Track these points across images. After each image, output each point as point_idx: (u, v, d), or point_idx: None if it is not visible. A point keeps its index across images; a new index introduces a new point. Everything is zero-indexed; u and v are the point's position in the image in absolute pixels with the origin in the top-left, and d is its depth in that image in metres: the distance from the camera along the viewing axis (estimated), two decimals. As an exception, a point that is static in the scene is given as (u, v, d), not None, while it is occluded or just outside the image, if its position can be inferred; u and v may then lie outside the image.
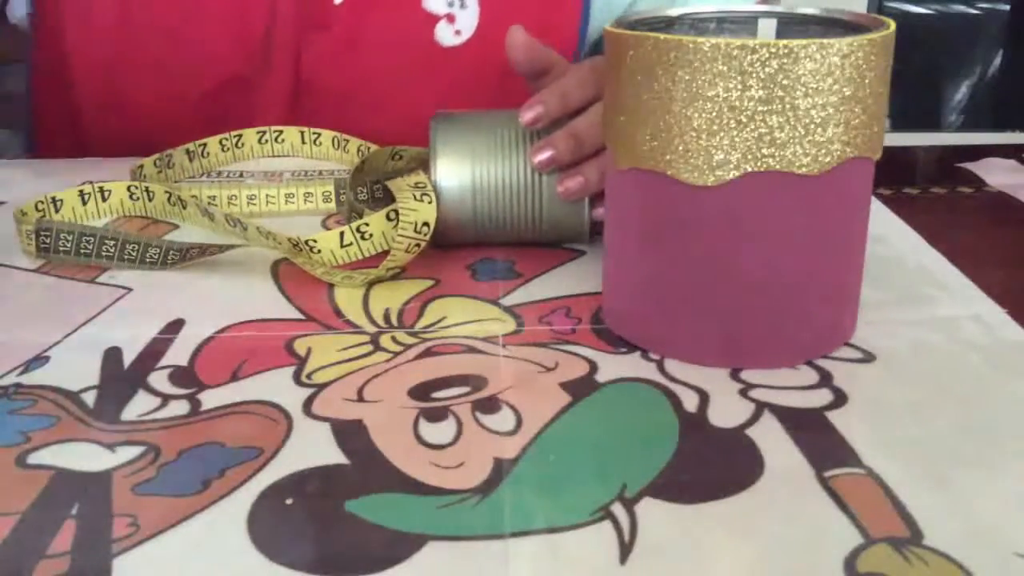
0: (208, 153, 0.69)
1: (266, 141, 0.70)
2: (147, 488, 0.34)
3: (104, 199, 0.61)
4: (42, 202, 0.58)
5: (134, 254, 0.52)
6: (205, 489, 0.34)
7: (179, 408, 0.39)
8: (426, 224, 0.49)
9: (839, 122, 0.38)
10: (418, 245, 0.50)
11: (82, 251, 0.52)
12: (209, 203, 0.58)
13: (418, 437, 0.37)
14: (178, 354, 0.44)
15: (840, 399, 0.39)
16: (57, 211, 0.59)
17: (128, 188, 0.61)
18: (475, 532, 0.32)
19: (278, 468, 0.35)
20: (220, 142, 0.69)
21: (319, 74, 0.75)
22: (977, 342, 0.44)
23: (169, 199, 0.59)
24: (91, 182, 0.61)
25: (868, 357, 0.43)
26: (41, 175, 0.70)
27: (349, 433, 0.37)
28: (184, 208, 0.58)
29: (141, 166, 0.65)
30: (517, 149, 0.52)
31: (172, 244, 0.52)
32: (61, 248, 0.53)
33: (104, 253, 0.52)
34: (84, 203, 0.60)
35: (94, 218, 0.61)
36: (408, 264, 0.51)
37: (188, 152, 0.68)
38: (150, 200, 0.60)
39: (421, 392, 0.40)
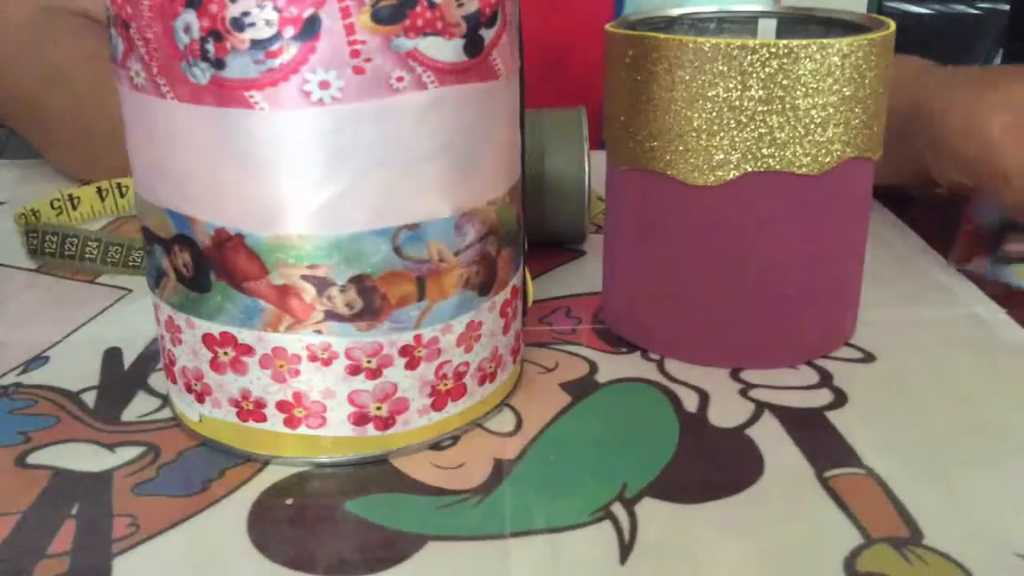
0: None
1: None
2: (147, 488, 0.34)
3: (122, 195, 0.61)
4: (57, 199, 0.58)
5: (116, 256, 0.52)
6: (205, 489, 0.34)
7: (179, 408, 0.39)
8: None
9: (839, 122, 0.38)
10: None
11: (66, 253, 0.53)
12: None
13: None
14: (178, 354, 0.44)
15: (840, 399, 0.39)
16: (75, 208, 0.59)
17: None
18: (475, 532, 0.32)
19: (278, 468, 0.35)
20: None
21: None
22: (977, 342, 0.44)
23: None
24: (109, 180, 0.61)
25: (868, 357, 0.43)
26: (40, 175, 0.70)
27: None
28: None
29: None
30: None
31: None
32: (47, 250, 0.53)
33: (87, 255, 0.52)
34: (103, 200, 0.61)
35: (112, 213, 0.61)
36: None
37: None
38: None
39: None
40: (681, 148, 0.39)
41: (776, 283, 0.41)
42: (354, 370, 0.34)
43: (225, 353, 0.34)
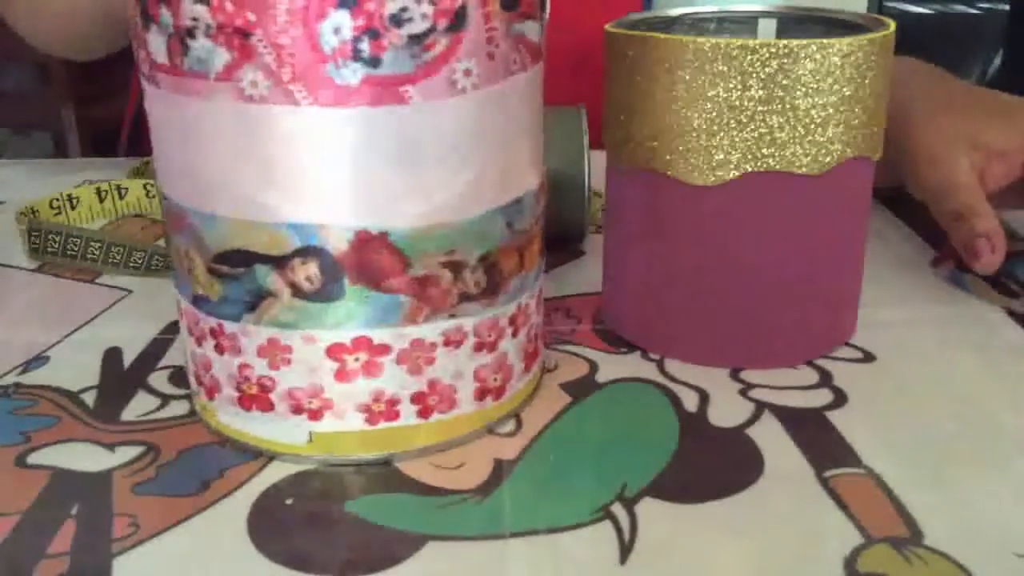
0: None
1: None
2: (147, 488, 0.34)
3: (121, 196, 0.61)
4: (57, 199, 0.58)
5: (118, 257, 0.52)
6: (205, 489, 0.34)
7: (179, 408, 0.39)
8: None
9: (839, 122, 0.38)
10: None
11: (68, 252, 0.53)
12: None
13: (418, 437, 0.37)
14: (178, 354, 0.44)
15: (840, 399, 0.39)
16: (73, 208, 0.59)
17: (144, 186, 0.61)
18: (475, 532, 0.32)
19: (278, 468, 0.35)
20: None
21: None
22: (977, 342, 0.44)
23: None
24: (108, 180, 0.61)
25: (868, 357, 0.43)
26: (41, 175, 0.70)
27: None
28: None
29: (147, 162, 0.65)
30: None
31: (157, 248, 0.52)
32: (49, 249, 0.53)
33: (90, 256, 0.52)
34: (101, 201, 0.60)
35: (110, 215, 0.61)
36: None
37: None
38: None
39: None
40: (681, 148, 0.39)
41: (776, 283, 0.41)
42: (479, 347, 0.36)
43: (356, 359, 0.34)
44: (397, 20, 0.30)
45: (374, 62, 0.31)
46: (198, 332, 0.36)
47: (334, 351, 0.34)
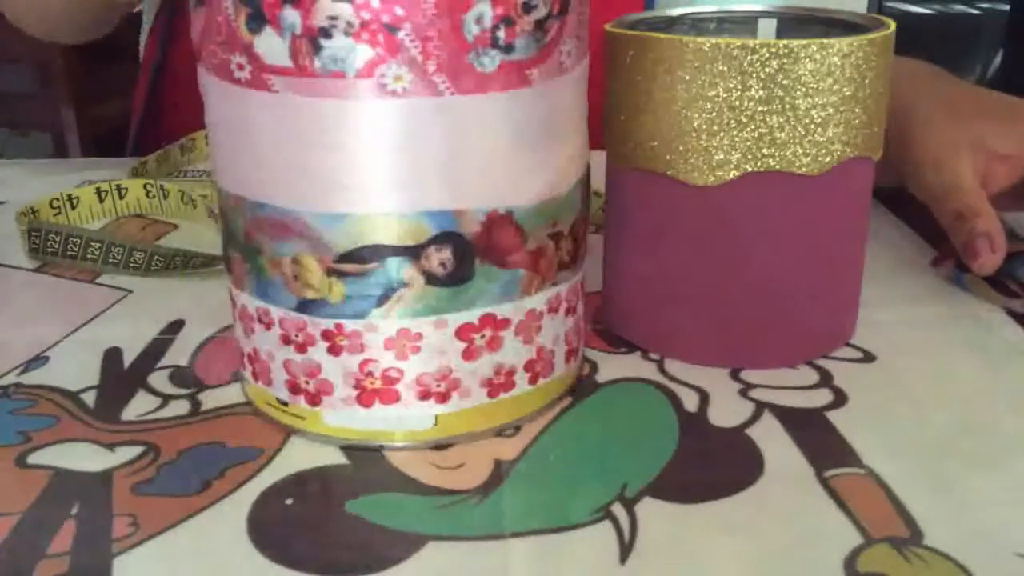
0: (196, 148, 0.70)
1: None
2: (147, 488, 0.34)
3: (121, 196, 0.61)
4: (57, 199, 0.58)
5: (119, 257, 0.52)
6: (205, 489, 0.34)
7: (179, 408, 0.39)
8: None
9: (839, 122, 0.38)
10: None
11: (69, 253, 0.53)
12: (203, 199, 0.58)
13: (418, 437, 0.37)
14: (178, 354, 0.44)
15: (840, 399, 0.39)
16: (73, 208, 0.59)
17: (144, 186, 0.61)
18: (475, 532, 0.32)
19: (278, 468, 0.35)
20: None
21: None
22: (977, 342, 0.44)
23: (182, 198, 0.59)
24: (108, 180, 0.61)
25: (868, 357, 0.43)
26: (41, 175, 0.70)
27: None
28: (194, 208, 0.59)
29: (145, 162, 0.66)
30: None
31: (158, 249, 0.52)
32: (49, 249, 0.53)
33: (90, 256, 0.52)
34: (101, 201, 0.61)
35: (110, 215, 0.61)
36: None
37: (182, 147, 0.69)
38: (165, 198, 0.60)
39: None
40: (681, 148, 0.39)
41: (776, 283, 0.41)
42: (568, 311, 0.38)
43: (482, 336, 0.35)
44: (527, 7, 0.32)
45: (508, 48, 0.32)
46: (303, 338, 0.35)
47: (463, 332, 0.35)
